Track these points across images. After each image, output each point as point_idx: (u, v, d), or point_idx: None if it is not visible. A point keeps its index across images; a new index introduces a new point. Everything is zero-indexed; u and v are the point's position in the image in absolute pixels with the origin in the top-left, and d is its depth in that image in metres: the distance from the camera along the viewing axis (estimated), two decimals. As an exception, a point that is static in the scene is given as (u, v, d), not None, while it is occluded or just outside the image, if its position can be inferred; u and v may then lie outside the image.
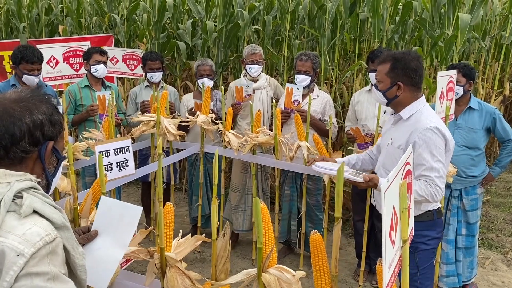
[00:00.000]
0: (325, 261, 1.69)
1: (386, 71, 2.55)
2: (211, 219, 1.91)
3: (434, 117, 2.52)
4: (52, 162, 1.41)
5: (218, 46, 5.45)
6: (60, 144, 1.43)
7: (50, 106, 1.38)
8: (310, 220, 4.16)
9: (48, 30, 7.32)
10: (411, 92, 2.54)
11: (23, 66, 3.77)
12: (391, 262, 1.49)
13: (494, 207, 5.76)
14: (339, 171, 1.57)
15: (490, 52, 6.08)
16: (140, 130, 4.04)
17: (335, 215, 1.63)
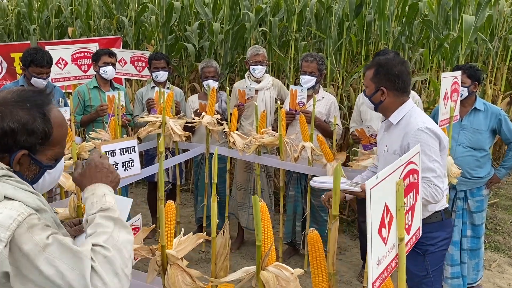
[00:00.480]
0: (322, 258, 1.70)
1: (370, 76, 2.60)
2: (211, 217, 1.93)
3: (423, 117, 2.54)
4: (31, 169, 1.40)
5: (224, 48, 5.48)
6: (48, 152, 1.39)
7: (33, 113, 1.33)
8: (314, 221, 4.17)
9: (58, 32, 7.42)
10: (396, 97, 2.56)
11: (32, 69, 3.82)
12: (381, 259, 1.49)
13: (502, 210, 5.72)
14: (336, 170, 1.58)
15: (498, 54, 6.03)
16: (147, 131, 4.08)
17: (332, 213, 1.65)
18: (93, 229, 1.33)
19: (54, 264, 1.19)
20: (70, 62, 4.83)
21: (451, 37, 4.36)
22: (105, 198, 1.43)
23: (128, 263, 1.30)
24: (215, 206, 1.91)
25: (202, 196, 4.56)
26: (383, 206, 1.47)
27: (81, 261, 1.21)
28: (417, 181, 1.76)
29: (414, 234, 1.79)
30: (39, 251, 1.19)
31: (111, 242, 1.29)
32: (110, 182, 1.51)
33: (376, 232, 1.44)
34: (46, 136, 1.36)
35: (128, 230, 1.37)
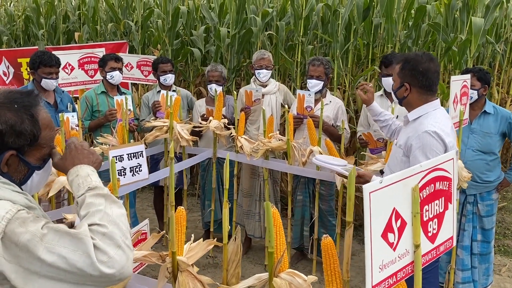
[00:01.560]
0: (336, 266, 1.68)
1: (397, 71, 2.60)
2: (222, 223, 1.91)
3: (439, 121, 2.49)
4: (19, 171, 1.41)
5: (231, 52, 5.48)
6: (36, 152, 1.41)
7: (21, 115, 1.35)
8: (323, 226, 4.14)
9: (65, 38, 7.45)
10: (419, 95, 2.54)
11: (42, 70, 3.84)
12: (386, 264, 1.47)
13: (511, 214, 5.67)
14: (350, 175, 1.56)
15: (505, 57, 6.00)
16: (154, 135, 4.08)
17: (346, 220, 1.63)
18: (85, 210, 1.33)
19: (54, 250, 1.19)
20: (77, 67, 4.84)
21: (459, 40, 4.33)
22: (90, 178, 1.42)
23: (127, 234, 1.30)
24: (226, 212, 1.90)
25: (210, 201, 4.55)
26: (390, 211, 1.45)
27: (82, 241, 1.21)
28: (448, 189, 1.73)
29: (443, 244, 1.75)
30: (37, 241, 1.20)
31: (106, 219, 1.29)
32: (92, 162, 1.51)
33: (379, 236, 1.42)
34: (34, 137, 1.37)
35: (119, 205, 1.37)
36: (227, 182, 1.99)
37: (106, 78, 4.37)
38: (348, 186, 1.60)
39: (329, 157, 3.07)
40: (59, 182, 3.01)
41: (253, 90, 4.20)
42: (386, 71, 3.69)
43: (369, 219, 1.34)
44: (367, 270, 1.36)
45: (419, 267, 1.55)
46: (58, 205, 3.57)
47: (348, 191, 1.60)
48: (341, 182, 3.55)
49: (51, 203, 3.27)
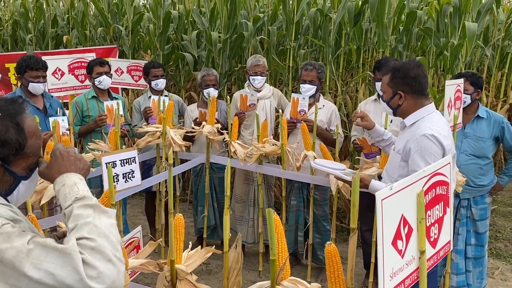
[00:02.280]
0: (341, 273, 1.66)
1: (387, 81, 2.62)
2: (223, 230, 1.88)
3: (436, 125, 2.51)
4: (4, 181, 1.36)
5: (222, 57, 5.46)
6: (22, 162, 1.36)
7: (5, 123, 1.29)
8: (317, 231, 4.13)
9: (54, 43, 7.36)
10: (415, 100, 2.57)
11: (29, 74, 3.79)
12: (396, 272, 1.45)
13: (501, 217, 5.71)
14: (354, 181, 1.55)
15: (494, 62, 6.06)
16: (146, 141, 4.03)
17: (350, 226, 1.61)
18: (73, 223, 1.27)
19: (41, 267, 1.15)
20: (67, 72, 4.78)
21: (450, 44, 4.36)
22: (77, 187, 1.36)
23: (118, 246, 1.25)
24: (227, 219, 1.87)
25: (203, 207, 4.50)
26: (399, 218, 1.44)
27: (70, 257, 1.16)
28: (446, 193, 1.72)
29: (442, 248, 1.74)
30: (23, 257, 1.15)
31: (95, 231, 1.24)
32: (79, 169, 1.44)
33: (390, 244, 1.40)
34: (20, 146, 1.32)
35: (108, 214, 1.32)
36: (228, 188, 1.96)
37: (95, 84, 4.31)
38: (353, 192, 1.58)
39: (327, 161, 3.06)
40: (51, 189, 2.95)
41: (248, 94, 4.18)
42: (379, 76, 3.70)
43: (381, 227, 1.32)
44: (380, 279, 1.35)
45: (424, 273, 1.53)
46: (51, 212, 3.52)
47: (352, 198, 1.59)
48: (336, 187, 3.54)
49: (43, 211, 3.21)
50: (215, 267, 4.40)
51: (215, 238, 4.70)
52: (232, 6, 5.16)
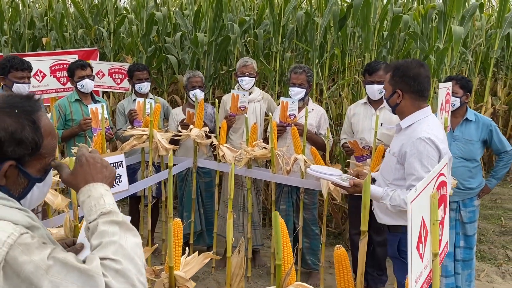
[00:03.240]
0: (350, 277, 1.62)
1: (388, 79, 2.63)
2: (226, 235, 1.82)
3: (432, 128, 2.51)
4: (18, 183, 1.27)
5: (207, 60, 5.39)
6: (37, 163, 1.28)
7: (21, 121, 1.21)
8: (305, 235, 4.09)
9: (31, 44, 7.16)
10: (412, 100, 2.57)
11: (13, 75, 3.68)
12: (419, 276, 1.43)
13: (483, 219, 5.79)
14: (365, 183, 1.51)
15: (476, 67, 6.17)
16: (131, 145, 3.93)
17: (361, 229, 1.57)
18: (98, 239, 1.19)
19: (61, 286, 1.06)
20: (49, 74, 4.64)
21: (435, 48, 4.41)
22: (104, 200, 1.27)
23: (142, 269, 1.18)
24: (231, 223, 1.80)
25: (188, 212, 4.42)
26: (420, 221, 1.41)
27: (92, 279, 1.08)
28: (446, 194, 1.70)
29: (444, 249, 1.72)
30: (42, 274, 1.06)
31: (121, 253, 1.15)
32: (106, 178, 1.35)
33: (415, 248, 1.37)
34: (36, 146, 1.24)
35: (135, 233, 1.24)
36: (231, 191, 1.90)
37: (77, 88, 4.19)
38: (363, 194, 1.54)
39: (322, 167, 3.03)
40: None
41: (240, 94, 4.11)
42: (370, 78, 3.70)
43: (411, 231, 1.29)
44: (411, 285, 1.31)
45: (437, 276, 1.50)
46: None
47: (363, 200, 1.55)
48: (327, 191, 3.51)
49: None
50: (202, 273, 4.32)
51: (201, 244, 4.61)
52: (218, 8, 5.10)
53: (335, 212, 5.16)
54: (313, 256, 4.14)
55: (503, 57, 7.60)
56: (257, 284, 4.17)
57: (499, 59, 7.65)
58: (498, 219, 5.80)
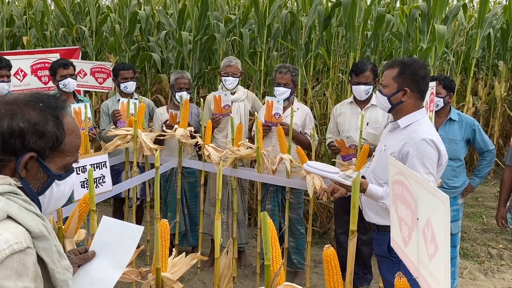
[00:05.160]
0: (339, 277, 1.61)
1: (394, 75, 2.52)
2: (214, 235, 1.80)
3: (431, 130, 2.52)
4: (38, 178, 1.27)
5: (192, 59, 5.35)
6: (58, 160, 1.28)
7: (45, 115, 1.23)
8: (291, 235, 4.08)
9: (9, 43, 7.02)
10: (415, 100, 2.53)
11: None
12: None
13: (465, 217, 5.86)
14: (355, 182, 1.51)
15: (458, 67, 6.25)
16: (115, 145, 3.88)
17: (350, 229, 1.57)
18: None
19: None
20: (30, 73, 4.54)
21: (419, 48, 4.45)
22: None
23: None
24: (219, 224, 1.78)
25: (173, 213, 4.37)
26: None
27: None
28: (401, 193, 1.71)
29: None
30: None
31: None
32: None
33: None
34: (58, 141, 1.25)
35: None
36: (219, 192, 1.88)
37: (59, 87, 4.12)
38: (353, 194, 1.54)
39: (320, 164, 2.99)
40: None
41: (221, 94, 4.09)
42: (356, 79, 3.71)
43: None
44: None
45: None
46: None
47: (353, 199, 1.55)
48: (313, 190, 3.51)
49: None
50: (188, 274, 4.28)
51: (185, 245, 4.58)
52: (203, 7, 5.07)
53: (320, 212, 5.16)
54: (298, 255, 4.14)
55: (483, 57, 7.73)
56: (243, 284, 4.15)
57: (480, 59, 7.78)
58: (480, 217, 5.88)
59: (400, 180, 1.53)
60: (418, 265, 1.50)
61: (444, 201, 1.30)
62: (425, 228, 1.43)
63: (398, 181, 1.55)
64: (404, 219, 1.55)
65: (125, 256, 1.60)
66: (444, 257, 1.32)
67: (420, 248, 1.48)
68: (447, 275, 1.32)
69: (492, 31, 6.76)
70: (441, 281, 1.35)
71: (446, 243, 1.31)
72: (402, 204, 1.54)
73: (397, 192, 1.57)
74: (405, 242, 1.56)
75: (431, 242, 1.40)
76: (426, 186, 1.37)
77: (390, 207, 1.64)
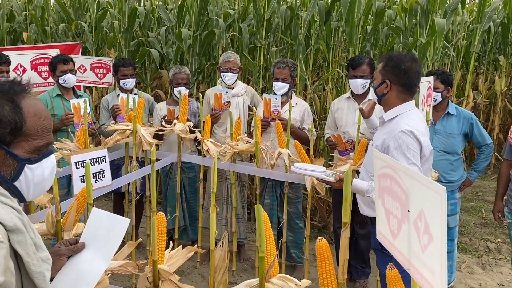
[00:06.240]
0: (332, 268, 1.64)
1: (380, 68, 2.63)
2: (210, 228, 1.83)
3: (415, 121, 2.53)
4: (7, 164, 1.27)
5: (192, 54, 5.37)
6: (24, 144, 1.27)
7: (0, 102, 1.23)
8: (290, 229, 4.11)
9: (10, 38, 7.04)
10: (398, 93, 2.57)
11: None
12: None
13: (465, 212, 5.88)
14: (347, 175, 1.53)
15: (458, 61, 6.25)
16: (114, 140, 3.90)
17: (342, 221, 1.59)
18: None
19: None
20: (29, 69, 4.57)
21: (419, 43, 4.45)
22: None
23: None
24: (214, 217, 1.81)
25: (172, 207, 4.40)
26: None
27: None
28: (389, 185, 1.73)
29: None
30: None
31: None
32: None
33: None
34: (17, 125, 1.24)
35: None
36: (214, 185, 1.90)
37: (59, 82, 4.14)
38: (345, 187, 1.56)
39: (306, 164, 3.06)
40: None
41: (223, 92, 4.11)
42: (353, 73, 3.72)
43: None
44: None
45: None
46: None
47: (345, 192, 1.57)
48: (311, 184, 3.53)
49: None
50: (187, 268, 4.32)
51: (185, 239, 4.61)
52: (203, 2, 5.08)
53: (320, 206, 5.19)
54: (297, 249, 4.16)
55: (484, 52, 7.72)
56: (242, 277, 4.18)
57: (481, 54, 7.77)
58: (479, 212, 5.90)
59: (388, 173, 1.55)
60: (409, 257, 1.51)
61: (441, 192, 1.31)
62: (417, 220, 1.45)
63: (385, 174, 1.56)
64: (392, 212, 1.56)
65: (111, 248, 1.62)
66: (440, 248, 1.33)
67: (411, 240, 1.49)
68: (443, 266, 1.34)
69: (493, 25, 6.75)
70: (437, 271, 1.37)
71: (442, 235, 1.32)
72: (390, 197, 1.56)
73: (384, 185, 1.58)
74: (393, 234, 1.58)
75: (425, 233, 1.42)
76: (419, 178, 1.38)
77: (376, 200, 1.65)
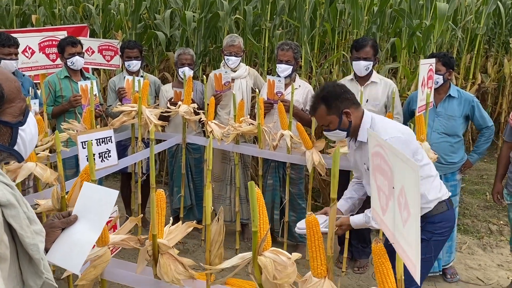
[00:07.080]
0: (321, 242, 1.71)
1: (326, 112, 2.59)
2: (205, 203, 1.90)
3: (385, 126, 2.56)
4: (3, 133, 1.34)
5: (197, 37, 5.41)
6: (10, 110, 1.34)
7: None
8: (292, 209, 4.19)
9: (19, 21, 7.12)
10: (357, 112, 2.60)
11: (0, 51, 3.67)
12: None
13: (469, 194, 5.92)
14: (335, 153, 1.59)
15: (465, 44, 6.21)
16: (120, 121, 3.99)
17: (330, 196, 1.65)
18: None
19: None
20: (38, 51, 4.64)
21: (423, 25, 4.45)
22: None
23: None
24: (210, 193, 1.88)
25: (179, 187, 4.50)
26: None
27: None
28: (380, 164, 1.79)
29: None
30: None
31: None
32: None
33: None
34: (2, 96, 1.30)
35: None
36: (210, 163, 1.98)
37: (67, 64, 4.22)
38: (333, 165, 1.62)
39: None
40: (26, 168, 2.90)
41: (222, 72, 4.16)
42: (357, 55, 3.75)
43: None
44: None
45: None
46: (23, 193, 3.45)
47: (333, 170, 1.63)
48: (311, 165, 3.60)
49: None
50: (192, 246, 4.43)
51: (191, 219, 4.70)
52: (208, -16, 5.10)
53: (323, 187, 5.25)
54: (300, 229, 4.24)
55: (494, 34, 7.64)
56: (246, 256, 4.28)
57: (491, 36, 7.69)
58: (483, 194, 5.92)
59: (379, 152, 1.61)
60: (394, 232, 1.58)
61: (414, 168, 1.37)
62: (400, 196, 1.52)
63: (376, 153, 1.63)
64: (382, 189, 1.63)
65: (101, 220, 1.71)
66: (414, 222, 1.41)
67: (395, 215, 1.56)
68: (417, 239, 1.41)
69: (503, 7, 6.67)
70: (412, 244, 1.44)
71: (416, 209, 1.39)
72: (381, 174, 1.62)
73: (376, 163, 1.65)
74: (383, 210, 1.65)
75: (405, 209, 1.49)
76: (399, 155, 1.44)
77: (371, 178, 1.72)
